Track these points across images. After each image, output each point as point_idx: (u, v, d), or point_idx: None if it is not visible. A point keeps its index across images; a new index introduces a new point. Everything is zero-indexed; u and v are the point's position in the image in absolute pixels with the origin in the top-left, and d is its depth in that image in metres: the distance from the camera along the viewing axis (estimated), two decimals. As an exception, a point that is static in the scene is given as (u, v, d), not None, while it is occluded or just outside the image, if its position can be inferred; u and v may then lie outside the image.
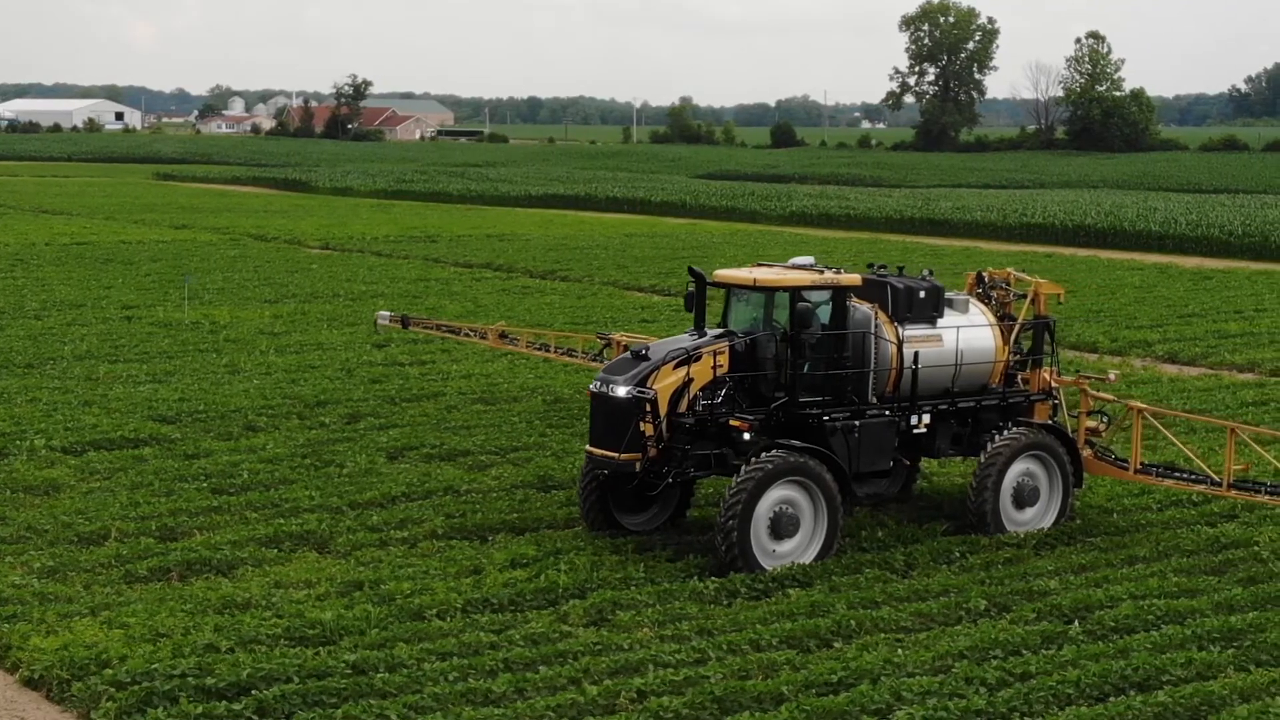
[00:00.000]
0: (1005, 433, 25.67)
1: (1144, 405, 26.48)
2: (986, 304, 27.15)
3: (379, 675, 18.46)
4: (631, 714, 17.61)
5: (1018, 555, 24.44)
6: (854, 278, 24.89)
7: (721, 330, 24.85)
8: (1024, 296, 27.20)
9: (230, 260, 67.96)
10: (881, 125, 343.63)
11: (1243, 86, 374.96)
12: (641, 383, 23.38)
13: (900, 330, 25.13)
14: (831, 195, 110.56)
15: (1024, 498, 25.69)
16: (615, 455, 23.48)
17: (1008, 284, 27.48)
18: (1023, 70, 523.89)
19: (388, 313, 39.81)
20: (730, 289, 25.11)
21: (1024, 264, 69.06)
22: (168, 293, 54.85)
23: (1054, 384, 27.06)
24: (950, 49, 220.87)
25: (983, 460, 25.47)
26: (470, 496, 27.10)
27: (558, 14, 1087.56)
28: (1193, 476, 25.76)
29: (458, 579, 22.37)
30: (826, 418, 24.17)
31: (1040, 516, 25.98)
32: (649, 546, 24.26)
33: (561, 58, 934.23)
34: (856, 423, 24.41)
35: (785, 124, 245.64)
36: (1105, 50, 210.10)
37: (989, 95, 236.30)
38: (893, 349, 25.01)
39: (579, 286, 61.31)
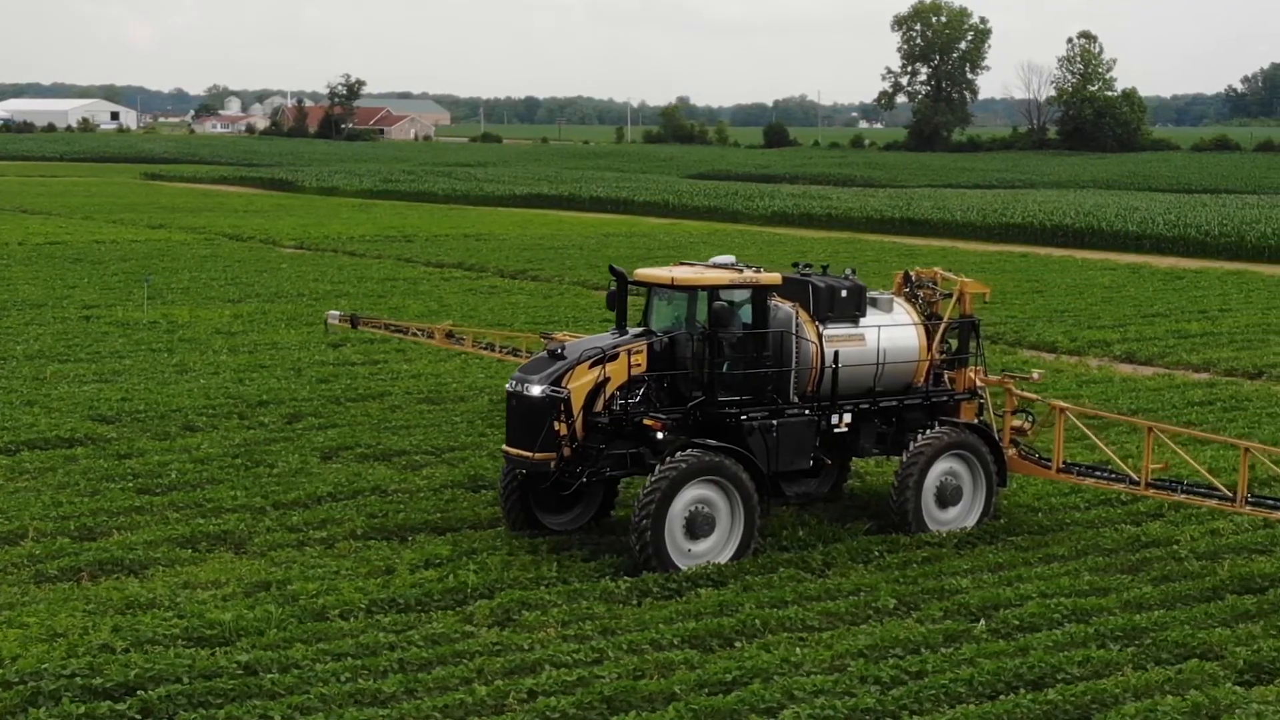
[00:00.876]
0: (928, 432, 25.63)
1: (1067, 405, 26.42)
2: (913, 303, 27.12)
3: (269, 676, 18.38)
4: (519, 714, 17.55)
5: (936, 554, 24.38)
6: (774, 277, 24.83)
7: (642, 330, 24.79)
8: (951, 296, 27.14)
9: (200, 260, 67.90)
10: (880, 125, 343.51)
11: (1239, 86, 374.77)
12: (556, 382, 23.31)
13: (822, 329, 25.06)
14: (814, 195, 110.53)
15: (947, 497, 25.64)
16: (530, 455, 23.43)
17: (935, 283, 27.44)
18: (1015, 70, 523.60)
19: (337, 312, 39.76)
20: (651, 288, 25.05)
21: (998, 264, 69.47)
22: (131, 292, 54.76)
23: (980, 383, 26.99)
24: (942, 49, 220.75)
25: (904, 460, 25.43)
26: (396, 497, 27.04)
27: (558, 14, 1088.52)
28: (1113, 476, 25.71)
29: (367, 579, 22.28)
30: (744, 417, 24.10)
31: (964, 516, 25.94)
32: (566, 546, 24.20)
33: (561, 58, 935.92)
34: (774, 422, 24.34)
35: (778, 124, 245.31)
36: (1097, 50, 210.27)
37: (982, 95, 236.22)
38: (814, 348, 24.94)
39: (547, 286, 61.28)
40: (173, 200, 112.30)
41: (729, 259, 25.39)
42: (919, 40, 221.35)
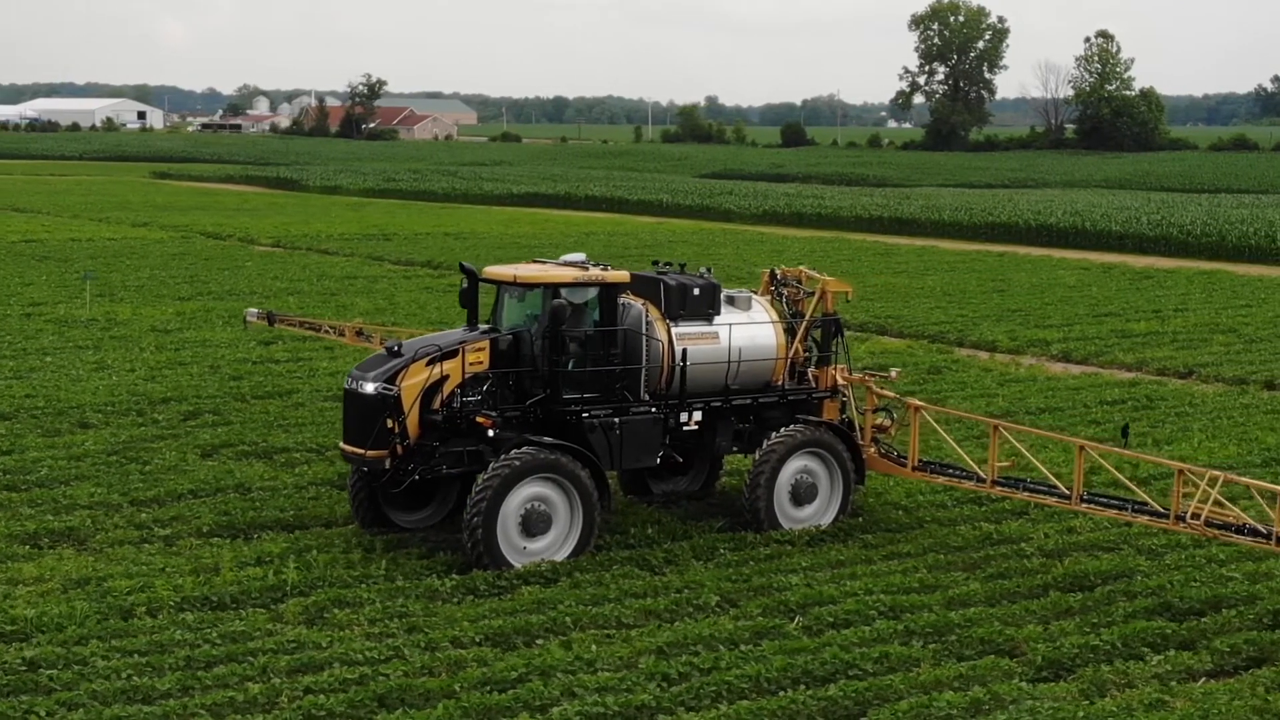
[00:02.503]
0: (781, 430, 25.47)
1: (922, 403, 26.24)
2: (778, 302, 26.99)
3: (49, 672, 18.32)
4: (287, 711, 17.45)
5: (780, 552, 24.24)
6: (621, 275, 24.72)
7: (488, 327, 24.68)
8: (814, 294, 26.98)
9: (168, 258, 68.01)
10: (909, 125, 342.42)
11: (1269, 85, 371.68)
12: (389, 380, 23.23)
13: (672, 328, 24.91)
14: (806, 195, 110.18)
15: (801, 495, 25.50)
16: (363, 452, 23.36)
17: (799, 281, 27.28)
18: (1033, 69, 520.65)
19: (255, 310, 39.70)
20: (500, 286, 24.93)
21: (970, 263, 69.33)
22: (84, 290, 54.84)
23: (842, 381, 26.80)
24: (960, 48, 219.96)
25: (756, 458, 25.31)
26: (257, 494, 26.96)
27: (591, 14, 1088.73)
28: (963, 473, 25.54)
29: (190, 576, 22.19)
30: (586, 415, 23.97)
31: (820, 513, 25.78)
32: (405, 544, 24.11)
33: (592, 58, 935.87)
34: (616, 420, 24.19)
35: (795, 123, 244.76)
36: (1115, 49, 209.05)
37: (1000, 95, 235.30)
38: (664, 346, 24.80)
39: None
40: (168, 199, 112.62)
41: (579, 257, 25.29)
42: (936, 40, 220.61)
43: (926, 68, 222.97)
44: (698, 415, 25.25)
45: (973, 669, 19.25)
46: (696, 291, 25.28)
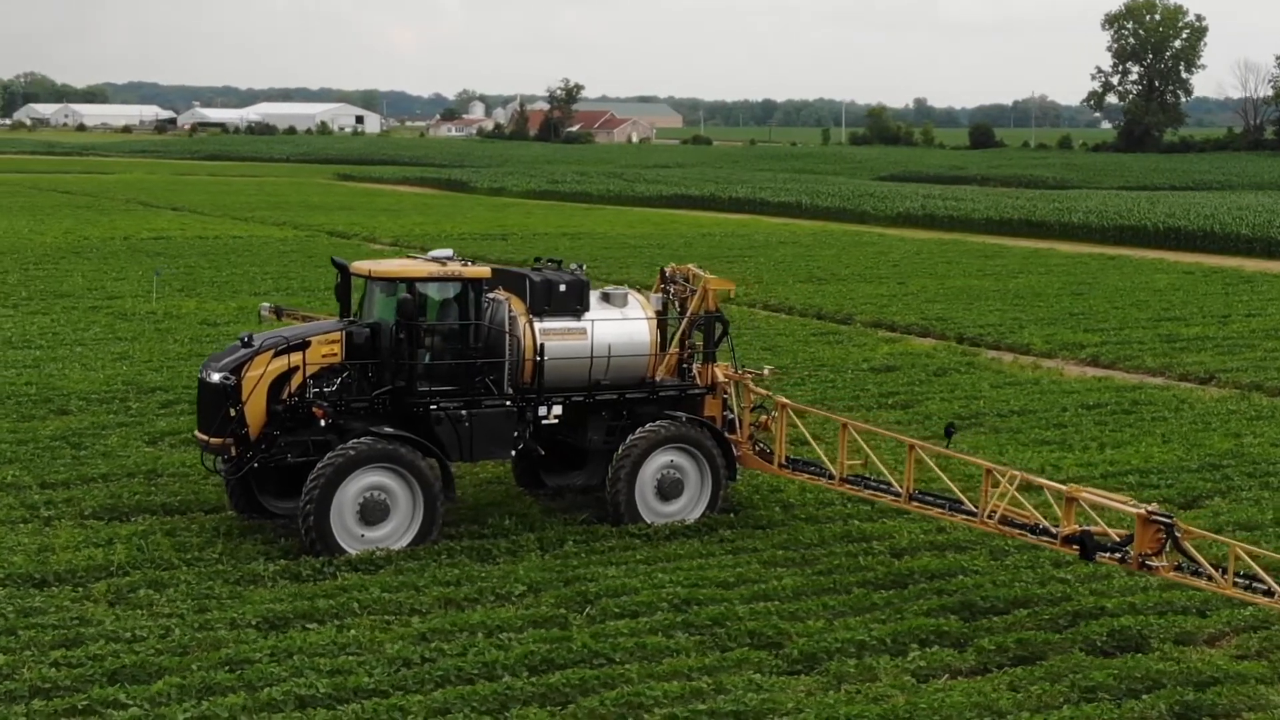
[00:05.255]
0: (646, 426, 25.69)
1: (789, 402, 26.22)
2: (670, 299, 27.23)
3: None
4: (19, 680, 18.18)
5: (626, 545, 24.54)
6: (482, 270, 25.19)
7: (348, 320, 25.31)
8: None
9: (273, 256, 69.92)
10: (1108, 125, 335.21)
11: None
12: (235, 370, 23.97)
13: (536, 323, 25.28)
14: (942, 197, 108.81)
15: (667, 490, 25.68)
16: (209, 439, 24.16)
17: (687, 279, 27.43)
18: (1230, 69, 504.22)
19: (268, 304, 40.88)
20: (368, 280, 25.53)
21: (1068, 266, 67.87)
22: (167, 285, 56.86)
23: (723, 378, 26.90)
24: (1155, 47, 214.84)
25: (619, 453, 25.54)
26: (165, 480, 27.90)
27: (805, 16, 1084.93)
28: (818, 471, 25.51)
29: (26, 554, 23.10)
30: (434, 406, 24.46)
31: (688, 508, 25.98)
32: (255, 531, 24.80)
33: (802, 60, 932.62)
34: (464, 412, 24.63)
35: (983, 125, 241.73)
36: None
37: (1196, 94, 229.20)
38: (526, 341, 25.18)
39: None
40: (326, 199, 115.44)
41: (446, 253, 25.75)
42: (1131, 39, 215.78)
43: (1120, 67, 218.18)
44: (558, 409, 25.57)
45: (723, 660, 19.51)
46: (563, 288, 25.59)
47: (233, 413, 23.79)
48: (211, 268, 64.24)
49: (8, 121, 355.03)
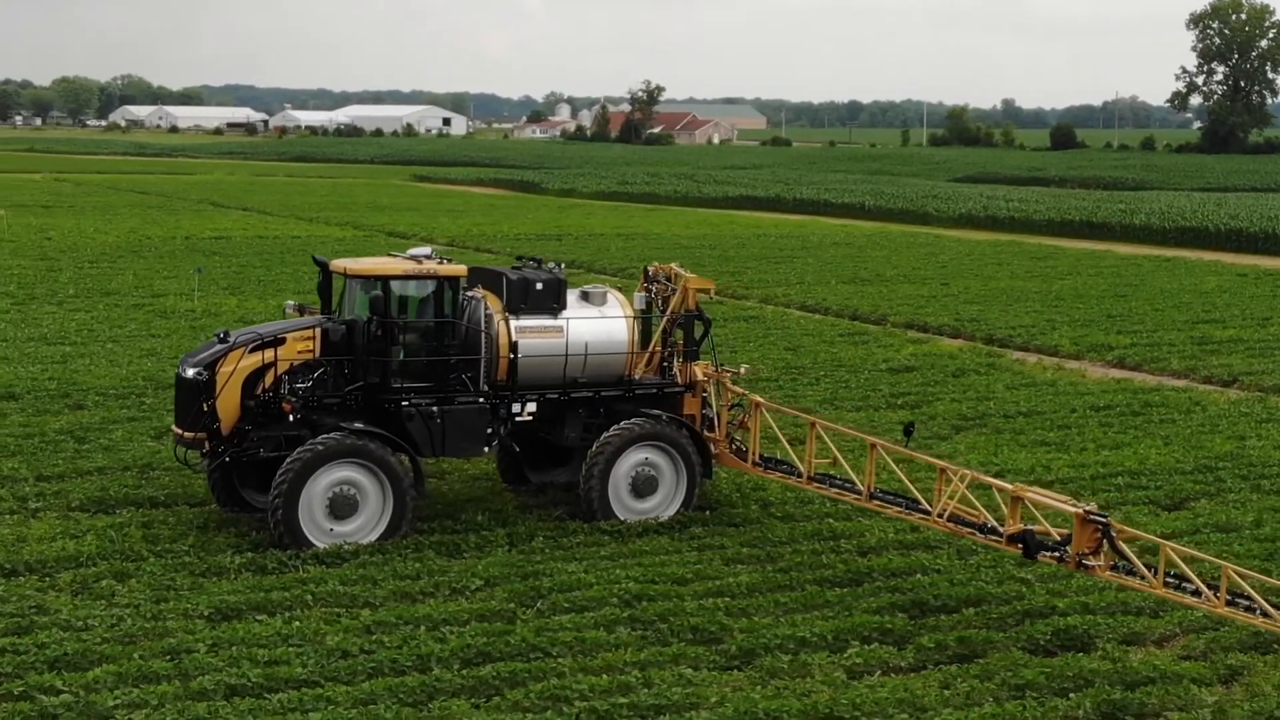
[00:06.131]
0: (620, 423, 25.88)
1: (763, 400, 26.33)
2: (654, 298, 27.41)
3: None
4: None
5: (592, 541, 24.73)
6: (458, 269, 25.49)
7: (326, 316, 25.69)
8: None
9: (325, 255, 70.39)
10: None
11: None
12: (209, 366, 24.40)
13: (511, 321, 25.53)
14: (1006, 199, 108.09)
15: (641, 487, 25.86)
16: (183, 433, 24.60)
17: (669, 278, 27.58)
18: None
19: (293, 302, 41.42)
20: (347, 278, 25.88)
21: (1119, 267, 67.41)
22: (214, 283, 57.64)
23: (701, 377, 27.02)
24: (1241, 47, 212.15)
25: (593, 450, 25.74)
26: (157, 474, 28.37)
27: (893, 17, 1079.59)
28: (787, 468, 25.63)
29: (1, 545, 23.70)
30: (405, 403, 24.77)
31: (663, 505, 26.16)
32: (232, 524, 25.19)
33: (890, 61, 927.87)
34: (435, 409, 24.92)
35: (1065, 125, 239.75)
36: None
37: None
38: (502, 339, 25.44)
39: (613, 281, 62.01)
40: (395, 200, 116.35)
41: (425, 251, 26.07)
42: (1216, 39, 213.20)
43: (1205, 67, 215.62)
44: (531, 406, 25.80)
45: (659, 654, 19.71)
46: (539, 286, 25.84)
47: (205, 407, 24.20)
48: (262, 266, 65.04)
49: (103, 123, 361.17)
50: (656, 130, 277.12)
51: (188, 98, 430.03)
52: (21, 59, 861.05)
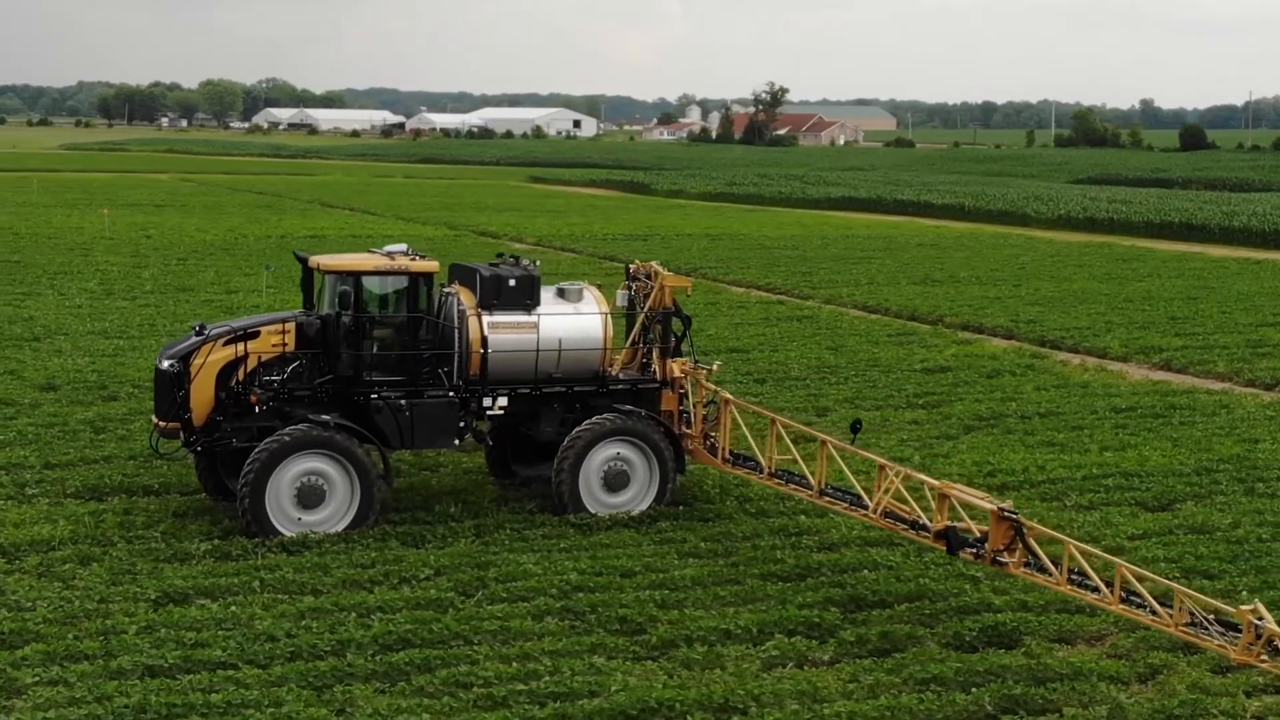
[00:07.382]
0: (592, 418, 26.19)
1: (731, 397, 26.50)
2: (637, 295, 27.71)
3: None
4: None
5: (558, 534, 25.07)
6: (430, 265, 25.96)
7: (302, 310, 26.29)
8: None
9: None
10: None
11: None
12: (184, 358, 25.08)
13: (484, 317, 25.95)
14: (1108, 200, 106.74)
15: (613, 481, 26.14)
16: (160, 423, 25.30)
17: (649, 277, 27.84)
18: None
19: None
20: (324, 273, 26.43)
21: (1216, 269, 66.53)
22: (287, 280, 58.65)
23: (678, 373, 27.24)
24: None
25: (564, 444, 26.07)
26: (157, 463, 28.99)
27: (1028, 17, 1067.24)
28: (751, 464, 25.79)
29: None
30: (374, 396, 25.28)
31: (636, 500, 26.44)
32: (211, 511, 25.83)
33: (1025, 61, 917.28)
34: (403, 402, 25.39)
35: (1194, 126, 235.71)
36: None
37: None
38: (474, 334, 25.87)
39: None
40: (500, 200, 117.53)
41: (400, 248, 26.55)
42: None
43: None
44: (502, 401, 26.20)
45: (578, 644, 19.99)
46: (512, 283, 26.23)
47: (178, 398, 24.87)
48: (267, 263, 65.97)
49: (246, 125, 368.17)
50: (781, 131, 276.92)
51: (329, 100, 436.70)
52: (170, 62, 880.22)
